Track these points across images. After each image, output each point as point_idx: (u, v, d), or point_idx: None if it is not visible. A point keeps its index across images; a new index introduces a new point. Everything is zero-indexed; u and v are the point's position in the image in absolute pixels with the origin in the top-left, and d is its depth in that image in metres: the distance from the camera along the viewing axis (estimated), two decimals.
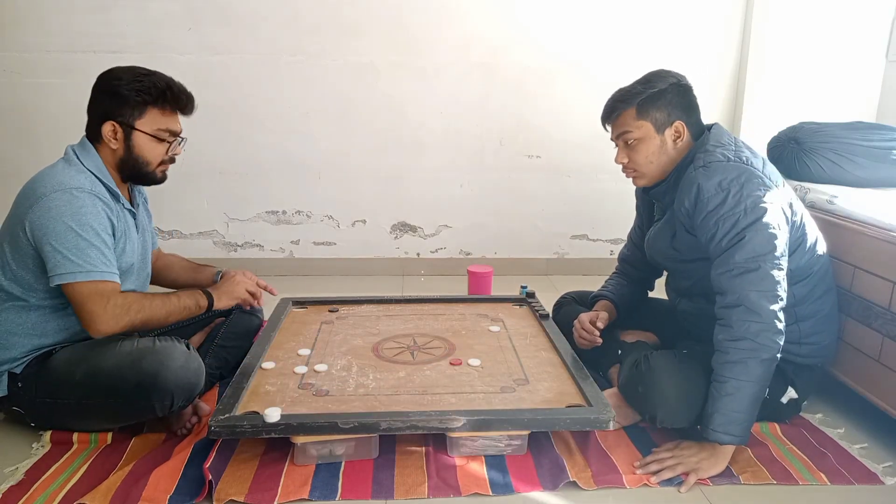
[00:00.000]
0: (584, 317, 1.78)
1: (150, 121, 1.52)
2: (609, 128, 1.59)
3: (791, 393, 1.59)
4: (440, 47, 2.85)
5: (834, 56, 2.86)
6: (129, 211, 1.60)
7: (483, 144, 2.98)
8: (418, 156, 2.97)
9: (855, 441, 1.59)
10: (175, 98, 1.54)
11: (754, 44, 2.87)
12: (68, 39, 2.71)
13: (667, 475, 1.40)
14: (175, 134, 1.59)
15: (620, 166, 1.60)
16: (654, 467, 1.42)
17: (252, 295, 1.71)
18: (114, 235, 1.50)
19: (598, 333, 1.73)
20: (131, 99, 1.50)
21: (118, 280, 1.46)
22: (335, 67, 2.84)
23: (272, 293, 1.81)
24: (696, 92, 1.59)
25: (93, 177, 1.49)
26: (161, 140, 1.55)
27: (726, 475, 1.41)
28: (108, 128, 1.50)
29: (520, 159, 3.00)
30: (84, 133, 1.56)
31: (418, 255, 3.10)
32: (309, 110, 2.88)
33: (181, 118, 1.60)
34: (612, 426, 1.42)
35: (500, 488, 1.36)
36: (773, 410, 1.59)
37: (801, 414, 1.69)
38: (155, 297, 1.51)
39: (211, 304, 1.61)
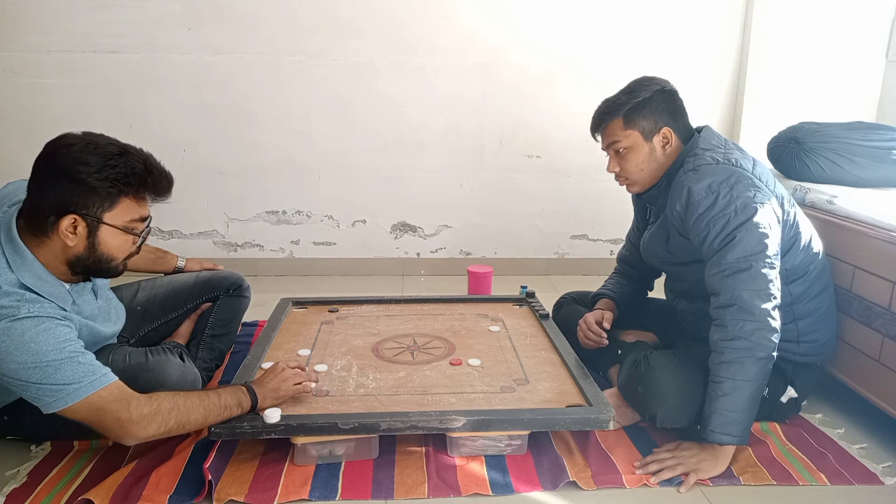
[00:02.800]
0: (590, 317, 1.78)
1: (122, 212, 1.26)
2: (598, 138, 1.61)
3: (791, 392, 1.59)
4: (439, 47, 2.85)
5: (834, 56, 2.86)
6: (89, 288, 1.40)
7: (483, 144, 2.98)
8: (418, 156, 2.97)
9: (855, 441, 1.59)
10: (156, 184, 1.28)
11: (754, 44, 2.86)
12: (68, 39, 2.71)
13: (666, 475, 1.40)
14: (144, 219, 1.32)
15: (613, 174, 1.62)
16: (653, 467, 1.42)
17: (301, 385, 1.47)
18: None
19: (604, 335, 1.73)
20: (103, 189, 1.21)
21: (114, 377, 1.23)
22: (335, 67, 2.84)
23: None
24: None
25: (21, 291, 1.21)
26: (129, 232, 1.29)
27: (726, 476, 1.41)
28: (66, 223, 1.21)
29: (520, 159, 3.00)
30: (13, 217, 1.27)
31: (418, 255, 3.10)
32: (309, 110, 2.88)
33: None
34: (612, 426, 1.42)
35: (500, 488, 1.36)
36: (772, 410, 1.59)
37: (800, 414, 1.69)
38: (190, 396, 1.29)
39: (255, 405, 1.38)
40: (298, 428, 1.37)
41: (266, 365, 1.65)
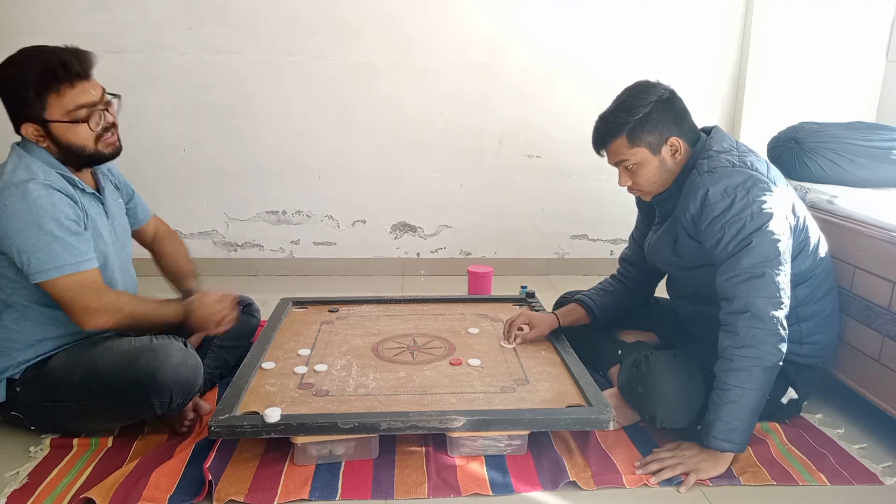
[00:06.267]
0: (521, 320, 1.83)
1: (56, 107, 1.38)
2: (603, 154, 1.56)
3: (791, 393, 1.59)
4: (440, 47, 2.85)
5: (834, 56, 2.86)
6: (94, 195, 1.53)
7: (483, 144, 2.98)
8: (418, 156, 2.97)
9: (854, 441, 1.59)
10: (68, 71, 1.37)
11: (754, 44, 2.86)
12: (68, 39, 2.67)
13: (667, 475, 1.40)
14: (93, 104, 1.42)
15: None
16: (653, 467, 1.42)
17: (221, 321, 1.62)
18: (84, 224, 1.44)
19: (514, 341, 1.81)
20: (26, 95, 1.36)
21: (94, 265, 1.41)
22: (335, 67, 2.84)
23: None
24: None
25: (45, 167, 1.41)
26: (80, 120, 1.41)
27: (726, 476, 1.41)
28: (28, 130, 1.40)
29: (520, 159, 3.00)
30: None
31: (418, 255, 3.10)
32: (309, 110, 2.88)
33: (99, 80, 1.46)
34: (611, 426, 1.43)
35: (500, 488, 1.37)
36: (773, 411, 1.58)
37: (801, 414, 1.68)
38: (146, 304, 1.49)
39: (182, 323, 1.56)
40: (298, 427, 1.37)
41: (266, 365, 1.65)
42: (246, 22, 2.76)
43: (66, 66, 1.38)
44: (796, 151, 1.97)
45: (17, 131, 1.43)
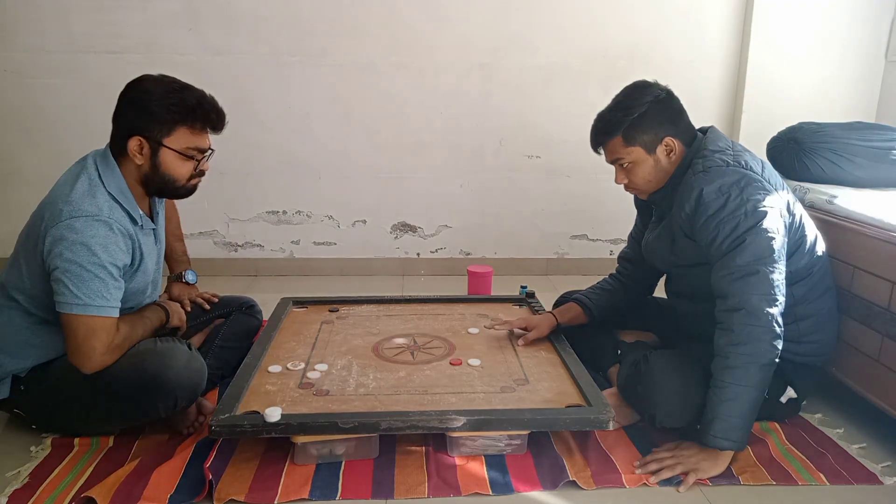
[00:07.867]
0: (518, 323, 1.86)
1: (179, 139, 1.46)
2: (600, 152, 1.58)
3: (790, 392, 1.59)
4: (440, 47, 2.85)
5: (834, 56, 2.87)
6: (151, 229, 1.57)
7: (483, 144, 2.98)
8: (418, 156, 2.97)
9: (854, 441, 1.59)
10: (205, 116, 1.47)
11: (754, 43, 2.87)
12: (68, 39, 2.71)
13: (666, 475, 1.40)
14: (203, 151, 1.52)
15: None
16: (653, 467, 1.42)
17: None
18: (131, 263, 1.47)
19: (517, 342, 1.83)
20: (161, 116, 1.43)
21: (116, 314, 1.42)
22: (335, 68, 2.84)
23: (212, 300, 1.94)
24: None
25: (112, 201, 1.43)
26: (189, 158, 1.49)
27: (725, 475, 1.41)
28: (134, 143, 1.43)
29: (520, 159, 3.01)
30: (108, 142, 1.50)
31: (418, 255, 3.11)
32: (309, 110, 2.88)
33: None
34: (611, 426, 1.43)
35: (500, 488, 1.37)
36: (772, 410, 1.59)
37: (800, 414, 1.69)
38: (136, 325, 1.50)
39: (167, 321, 1.63)
40: (299, 427, 1.37)
41: (272, 369, 1.65)
42: (246, 22, 2.76)
43: (217, 114, 1.49)
44: (796, 151, 1.97)
45: (118, 141, 1.46)
